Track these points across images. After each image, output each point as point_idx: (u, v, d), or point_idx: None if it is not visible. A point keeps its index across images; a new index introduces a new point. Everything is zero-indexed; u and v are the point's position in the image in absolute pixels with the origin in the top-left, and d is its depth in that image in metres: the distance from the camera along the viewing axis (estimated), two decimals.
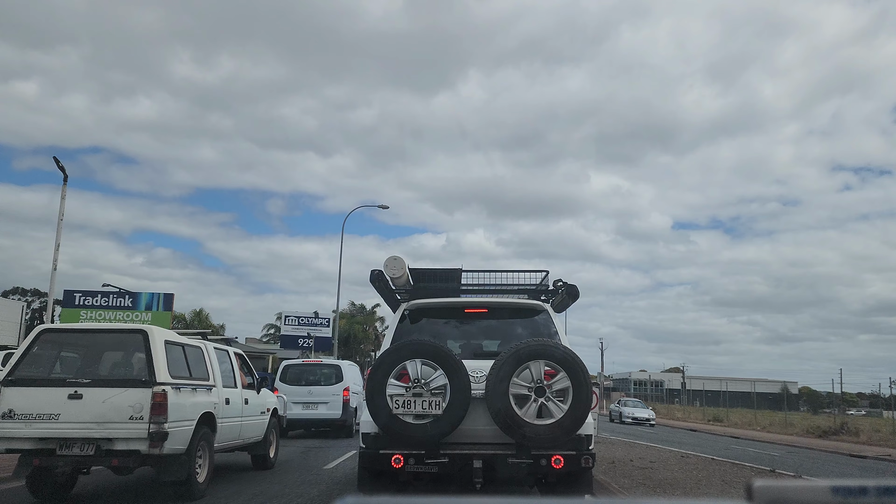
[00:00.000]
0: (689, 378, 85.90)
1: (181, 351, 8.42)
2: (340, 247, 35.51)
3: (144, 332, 7.92)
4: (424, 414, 6.47)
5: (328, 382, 17.27)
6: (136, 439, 7.34)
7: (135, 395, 7.42)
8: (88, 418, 7.35)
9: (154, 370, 7.56)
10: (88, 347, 8.52)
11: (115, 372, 8.22)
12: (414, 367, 6.56)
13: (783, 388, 60.68)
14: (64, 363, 8.40)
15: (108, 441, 7.35)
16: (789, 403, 55.05)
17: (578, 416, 6.46)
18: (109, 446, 7.36)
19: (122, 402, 7.40)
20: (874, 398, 66.80)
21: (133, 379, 7.67)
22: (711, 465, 13.51)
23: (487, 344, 8.02)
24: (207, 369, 8.94)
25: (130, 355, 8.23)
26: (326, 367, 18.24)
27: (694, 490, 9.73)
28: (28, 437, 7.38)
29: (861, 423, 33.94)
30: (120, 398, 7.42)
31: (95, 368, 8.18)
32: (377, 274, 7.61)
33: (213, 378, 8.95)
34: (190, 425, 7.92)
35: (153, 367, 7.59)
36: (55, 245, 15.42)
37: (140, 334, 7.94)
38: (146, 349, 7.73)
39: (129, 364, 8.18)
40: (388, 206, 37.12)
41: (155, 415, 7.33)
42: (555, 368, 6.50)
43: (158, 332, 8.06)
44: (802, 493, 0.89)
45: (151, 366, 7.60)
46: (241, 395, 9.92)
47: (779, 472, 12.79)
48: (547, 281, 8.27)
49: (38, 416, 7.39)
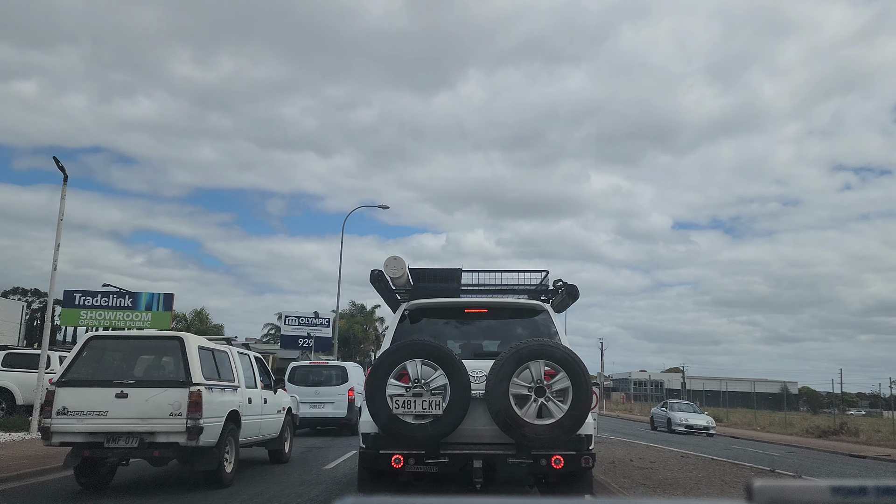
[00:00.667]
0: (689, 378, 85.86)
1: (211, 355, 9.36)
2: (340, 247, 35.54)
3: (180, 339, 8.94)
4: (424, 414, 6.47)
5: (334, 383, 18.07)
6: (175, 433, 8.27)
7: (174, 394, 8.35)
8: (133, 415, 8.27)
9: (190, 372, 8.51)
10: (131, 352, 9.44)
11: (155, 374, 9.14)
12: (414, 367, 6.56)
13: (783, 388, 60.65)
14: (110, 366, 9.16)
15: (151, 435, 8.28)
16: (789, 403, 55.03)
17: (578, 417, 6.46)
18: (151, 439, 8.29)
19: (162, 400, 8.34)
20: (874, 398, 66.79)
21: (172, 380, 8.57)
22: (711, 465, 13.51)
23: (487, 344, 8.02)
24: (233, 371, 9.88)
25: (168, 359, 9.12)
26: (332, 369, 19.03)
27: (694, 490, 9.73)
28: (79, 432, 8.28)
29: (861, 423, 33.95)
30: (161, 397, 8.36)
31: (138, 371, 9.14)
32: (377, 274, 7.61)
33: (237, 379, 9.90)
34: (219, 422, 8.85)
35: (189, 370, 8.53)
36: (55, 245, 15.41)
37: (177, 340, 8.95)
38: (182, 354, 8.69)
39: (168, 367, 9.06)
40: (388, 207, 37.15)
41: (191, 412, 8.29)
42: (555, 368, 6.50)
43: (193, 339, 9.08)
44: (802, 493, 0.89)
45: (188, 368, 8.54)
46: (261, 395, 10.81)
47: (779, 472, 12.79)
48: (547, 281, 8.27)
49: (89, 412, 8.31)
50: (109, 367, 9.09)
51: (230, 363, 9.95)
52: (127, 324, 26.09)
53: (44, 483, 9.21)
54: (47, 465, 9.90)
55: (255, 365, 11.04)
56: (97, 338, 9.56)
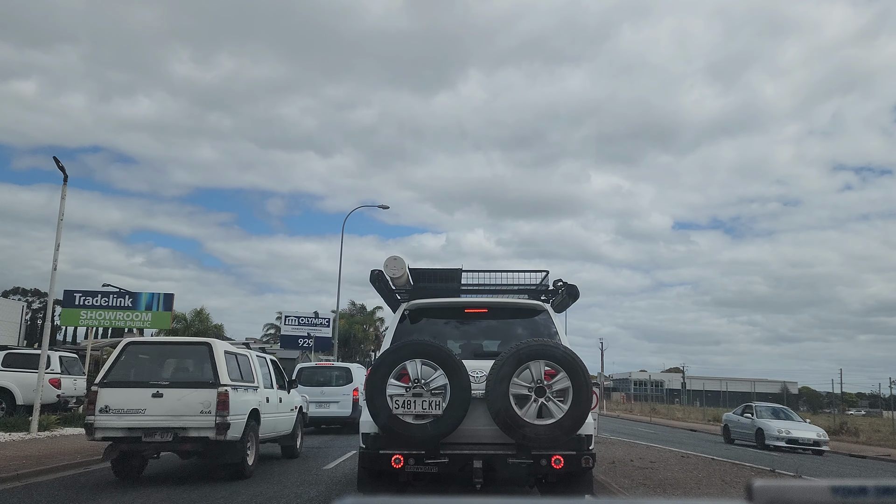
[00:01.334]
0: (690, 378, 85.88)
1: (235, 359, 10.24)
2: (340, 247, 35.57)
3: (209, 344, 9.91)
4: (424, 414, 6.46)
5: (339, 383, 18.72)
6: (205, 429, 9.15)
7: (204, 394, 9.22)
8: (167, 412, 9.15)
9: (218, 374, 9.41)
10: (164, 356, 10.41)
11: (187, 376, 10.02)
12: (414, 367, 6.55)
13: (783, 388, 60.66)
14: (146, 369, 9.97)
15: (183, 430, 9.17)
16: (789, 403, 54.99)
17: (578, 417, 6.45)
18: (184, 434, 9.17)
19: (194, 399, 9.21)
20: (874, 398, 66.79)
21: (202, 381, 9.44)
22: (711, 465, 13.51)
23: (487, 344, 8.02)
24: (253, 373, 10.76)
25: (198, 362, 9.97)
26: (337, 370, 19.72)
27: (694, 490, 9.72)
28: (120, 427, 9.18)
29: (861, 423, 33.94)
30: (192, 396, 9.24)
31: (171, 373, 10.08)
32: (377, 274, 7.61)
33: (257, 381, 10.79)
34: (243, 419, 9.69)
35: (217, 372, 9.42)
36: (55, 245, 15.40)
37: (206, 346, 9.90)
38: (211, 358, 9.61)
39: (198, 370, 9.89)
40: (388, 207, 37.18)
41: (220, 410, 9.17)
42: (555, 368, 6.50)
43: (219, 344, 10.10)
44: (802, 493, 0.89)
45: (216, 371, 9.44)
46: (276, 395, 11.68)
47: (779, 472, 12.79)
48: (547, 281, 8.26)
49: (128, 410, 9.18)
50: (145, 370, 9.90)
51: (250, 366, 10.80)
52: (127, 324, 26.08)
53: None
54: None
55: (271, 367, 11.92)
56: (134, 343, 10.45)
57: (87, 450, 11.69)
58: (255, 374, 10.82)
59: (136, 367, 9.86)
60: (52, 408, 18.05)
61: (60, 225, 15.53)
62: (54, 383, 18.30)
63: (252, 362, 10.92)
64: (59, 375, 18.84)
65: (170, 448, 9.44)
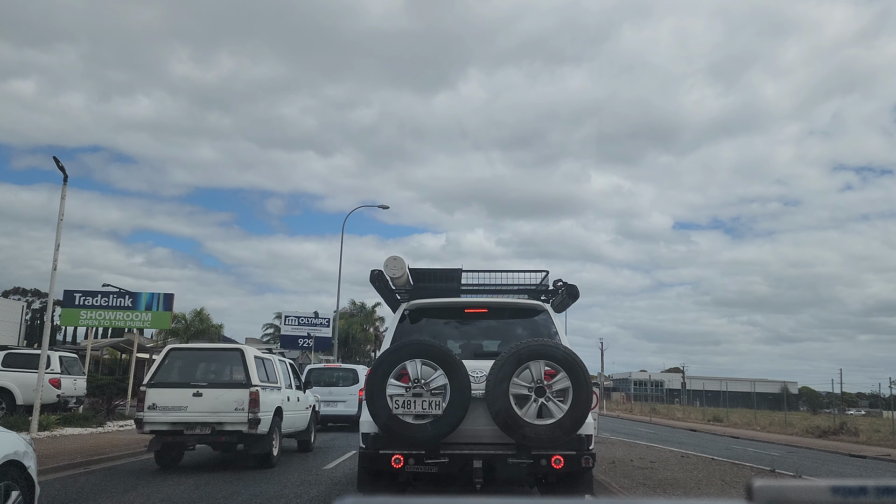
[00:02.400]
0: (689, 378, 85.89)
1: (262, 362, 11.53)
2: (340, 247, 35.56)
3: (241, 350, 11.36)
4: (424, 414, 6.46)
5: (346, 384, 19.76)
6: (238, 423, 10.47)
7: (238, 393, 10.57)
8: (206, 409, 10.48)
9: (250, 376, 10.76)
10: (202, 360, 11.79)
11: (222, 377, 11.25)
12: (414, 367, 6.55)
13: (783, 388, 60.64)
14: (187, 371, 11.28)
15: (220, 425, 10.47)
16: (789, 403, 55.02)
17: (578, 417, 6.45)
18: (220, 428, 10.48)
19: (229, 398, 10.57)
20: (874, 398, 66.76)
21: (236, 382, 10.78)
22: (711, 465, 13.51)
23: (487, 344, 8.01)
24: (276, 375, 12.03)
25: (232, 366, 11.25)
26: (344, 371, 20.96)
27: (694, 490, 9.73)
28: (165, 422, 10.47)
29: (861, 423, 33.93)
30: (228, 395, 10.59)
31: (209, 375, 11.39)
32: (377, 274, 7.60)
33: (279, 381, 12.04)
34: (270, 415, 10.97)
35: (249, 374, 10.78)
36: (55, 245, 15.39)
37: (238, 351, 11.35)
38: (243, 361, 10.96)
39: (232, 372, 11.18)
40: (388, 207, 37.18)
41: (252, 407, 10.50)
42: (555, 368, 6.49)
43: (250, 350, 11.54)
44: (802, 493, 0.89)
45: (248, 373, 10.79)
46: (295, 395, 12.93)
47: (779, 472, 12.79)
48: (547, 281, 8.26)
49: (172, 407, 10.49)
50: (186, 372, 11.19)
51: (274, 368, 12.08)
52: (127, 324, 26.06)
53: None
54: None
55: (289, 370, 13.22)
56: (176, 349, 11.85)
57: (87, 450, 11.70)
58: (277, 375, 12.08)
59: (179, 370, 11.17)
60: (52, 408, 18.05)
61: (60, 225, 15.52)
62: (54, 383, 18.30)
63: (275, 365, 12.21)
64: (59, 375, 18.84)
65: (208, 440, 10.66)
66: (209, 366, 11.66)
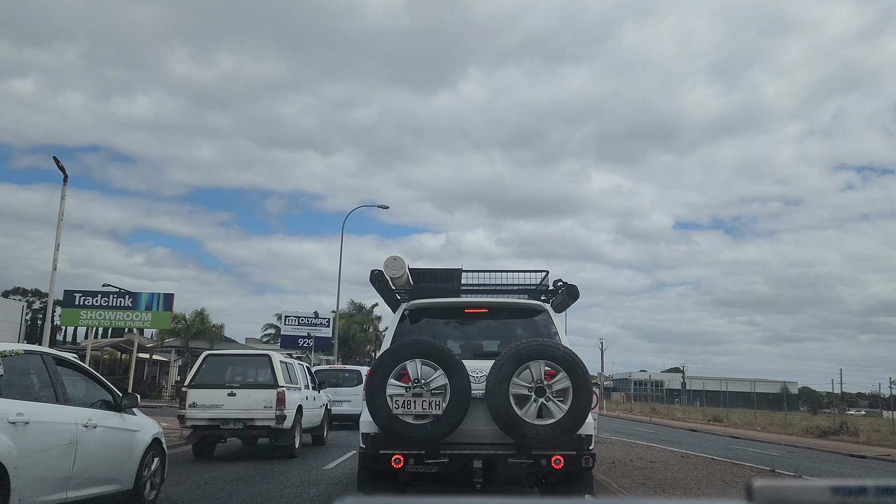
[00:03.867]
0: (689, 378, 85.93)
1: (286, 366, 13.10)
2: (340, 247, 35.57)
3: (269, 356, 12.93)
4: (424, 414, 6.46)
5: (350, 384, 20.70)
6: (267, 419, 12.01)
7: (267, 393, 12.11)
8: (240, 407, 12.01)
9: (276, 378, 12.31)
10: (235, 364, 13.51)
11: (253, 379, 12.82)
12: (414, 367, 6.55)
13: (783, 388, 60.66)
14: (222, 374, 12.88)
15: (251, 420, 12.00)
16: (789, 403, 55.02)
17: (579, 417, 6.45)
18: (251, 423, 12.01)
19: (259, 397, 12.10)
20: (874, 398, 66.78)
21: (265, 384, 12.35)
22: (711, 465, 13.51)
23: (487, 344, 8.02)
24: (297, 377, 13.62)
25: (261, 369, 12.85)
26: (348, 372, 22.24)
27: (694, 490, 9.73)
28: (204, 418, 12.02)
29: (861, 423, 33.92)
30: (258, 395, 12.12)
31: (241, 377, 13.01)
32: (377, 274, 7.60)
33: (300, 383, 13.63)
34: (293, 412, 12.52)
35: (276, 377, 12.33)
36: (55, 245, 15.39)
37: (266, 357, 13.00)
38: (270, 366, 12.52)
39: (261, 375, 12.74)
40: (388, 207, 37.19)
41: (278, 405, 12.04)
42: (555, 368, 6.49)
43: (276, 356, 13.11)
44: (802, 493, 0.89)
45: (275, 376, 12.35)
46: (312, 395, 14.45)
47: (779, 472, 12.79)
48: (547, 281, 8.26)
49: (210, 405, 11.98)
50: (221, 375, 12.78)
51: (295, 371, 13.70)
52: (127, 324, 26.07)
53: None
54: None
55: (307, 372, 14.88)
56: (212, 355, 13.43)
57: None
58: (298, 378, 13.62)
59: (214, 373, 12.66)
60: None
61: (60, 225, 15.53)
62: None
63: (296, 369, 13.89)
64: None
65: (240, 434, 12.31)
66: (241, 369, 13.28)
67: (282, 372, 12.47)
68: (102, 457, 6.48)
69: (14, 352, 5.90)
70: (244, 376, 12.99)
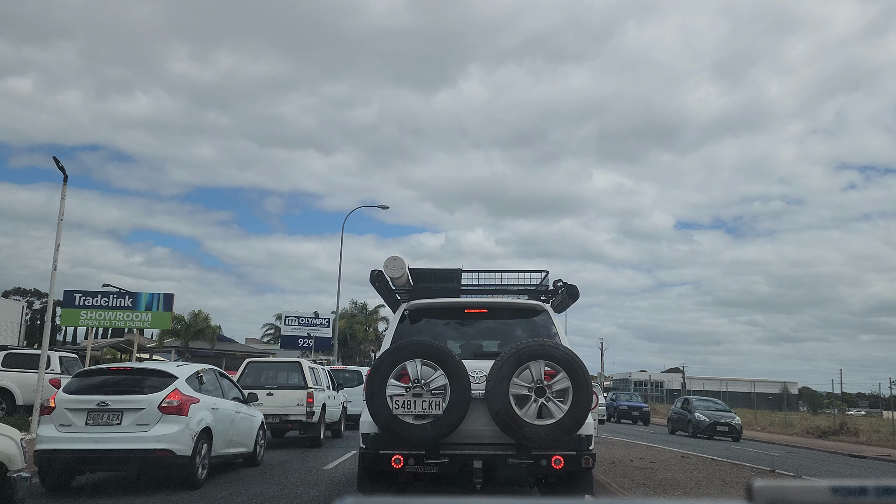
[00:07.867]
0: (690, 378, 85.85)
1: (313, 371, 15.62)
2: (340, 247, 35.60)
3: (299, 363, 15.73)
4: (424, 414, 6.46)
5: (352, 384, 20.99)
6: (300, 415, 14.55)
7: (299, 393, 14.67)
8: (277, 405, 14.43)
9: (306, 381, 14.93)
10: (272, 369, 15.99)
11: (287, 382, 15.15)
12: (414, 367, 6.55)
13: (783, 388, 60.66)
14: (261, 377, 15.32)
15: (286, 416, 14.51)
16: (789, 403, 55.04)
17: (579, 417, 6.46)
18: (287, 418, 14.54)
19: (293, 397, 14.62)
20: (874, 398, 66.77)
21: (298, 385, 14.90)
22: (711, 465, 13.52)
23: (487, 344, 8.02)
24: (321, 380, 16.14)
25: (292, 373, 15.32)
26: (350, 372, 23.36)
27: (694, 490, 9.73)
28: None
29: (861, 424, 33.92)
30: (292, 395, 14.65)
31: (278, 380, 15.35)
32: (377, 274, 7.61)
33: (323, 385, 16.11)
34: (319, 409, 15.04)
35: (306, 379, 14.96)
36: (55, 245, 15.38)
37: (298, 363, 15.68)
38: (301, 370, 15.19)
39: (293, 378, 15.20)
40: (388, 207, 37.22)
41: (309, 403, 14.58)
42: (555, 369, 6.50)
43: (305, 362, 15.88)
44: (802, 493, 0.89)
45: (304, 379, 14.99)
46: (332, 394, 16.82)
47: (779, 472, 12.79)
48: (547, 281, 8.26)
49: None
50: (261, 378, 15.26)
51: (320, 375, 16.03)
52: (127, 324, 26.06)
53: None
54: None
55: (328, 375, 17.22)
56: (253, 362, 16.22)
57: None
58: (321, 380, 16.07)
59: (254, 376, 15.14)
60: None
61: (60, 225, 15.52)
62: (54, 383, 18.24)
63: (320, 373, 16.31)
64: (59, 375, 18.78)
65: (277, 427, 14.48)
66: (275, 373, 15.62)
67: (310, 375, 15.02)
68: (242, 430, 10.69)
69: (205, 370, 10.27)
70: (279, 379, 15.31)
